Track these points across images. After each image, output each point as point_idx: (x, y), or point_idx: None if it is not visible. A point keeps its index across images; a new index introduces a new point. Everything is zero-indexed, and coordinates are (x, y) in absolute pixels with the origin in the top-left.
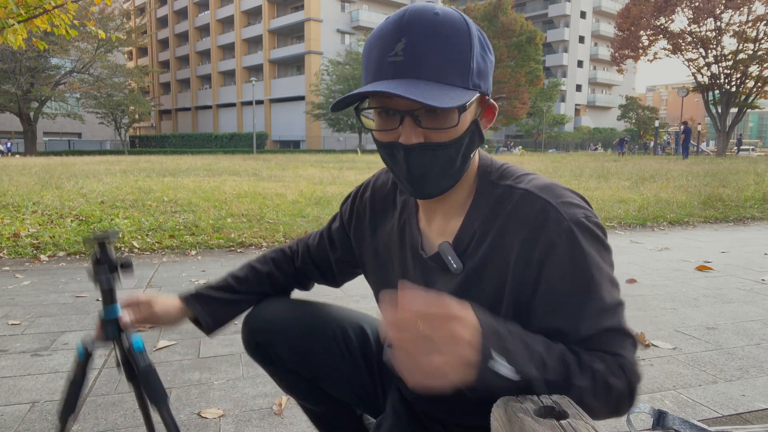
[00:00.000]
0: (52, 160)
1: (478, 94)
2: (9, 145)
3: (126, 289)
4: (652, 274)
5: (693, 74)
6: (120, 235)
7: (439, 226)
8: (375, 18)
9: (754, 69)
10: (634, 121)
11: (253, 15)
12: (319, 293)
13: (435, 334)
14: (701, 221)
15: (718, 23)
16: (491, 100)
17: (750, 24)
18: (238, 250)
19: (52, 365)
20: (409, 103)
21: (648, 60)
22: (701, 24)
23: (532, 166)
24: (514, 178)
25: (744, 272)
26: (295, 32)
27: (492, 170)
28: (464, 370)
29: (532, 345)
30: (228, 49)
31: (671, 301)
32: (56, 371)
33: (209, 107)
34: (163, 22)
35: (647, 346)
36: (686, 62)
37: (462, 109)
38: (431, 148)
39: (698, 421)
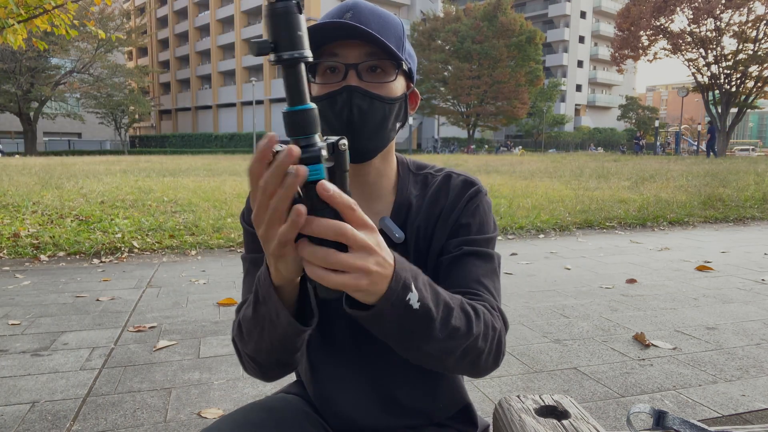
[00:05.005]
0: (52, 160)
1: (409, 68)
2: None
3: (126, 289)
4: (652, 274)
5: (693, 74)
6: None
7: (364, 209)
8: None
9: (754, 69)
10: (634, 121)
11: (253, 15)
12: None
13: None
14: (701, 221)
15: (718, 23)
16: (415, 89)
17: (750, 24)
18: (238, 250)
19: (52, 365)
20: (356, 54)
21: (648, 60)
22: (701, 24)
23: (532, 167)
24: (430, 168)
25: (744, 272)
26: None
27: (408, 162)
28: (374, 280)
29: (438, 289)
30: (228, 49)
31: (671, 301)
32: (56, 371)
33: (209, 107)
34: (163, 22)
35: (647, 346)
36: (686, 62)
37: (398, 65)
38: (370, 96)
39: (698, 421)
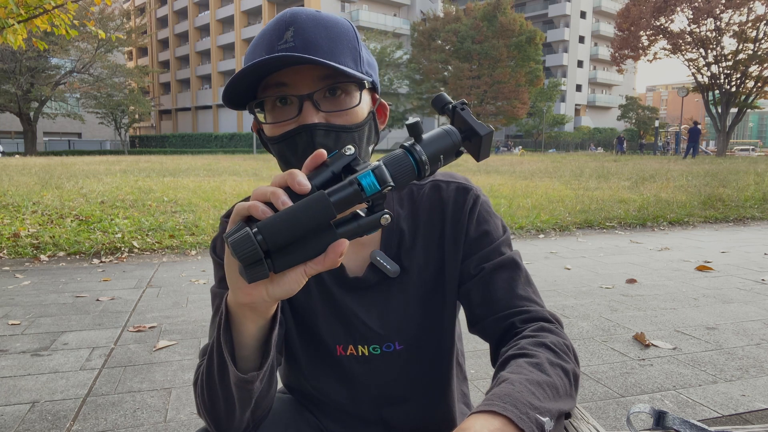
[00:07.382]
0: (52, 160)
1: (371, 80)
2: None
3: (126, 289)
4: (652, 274)
5: (693, 74)
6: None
7: (351, 246)
8: (375, 18)
9: (754, 69)
10: (634, 121)
11: (253, 15)
12: None
13: None
14: (701, 221)
15: (718, 23)
16: (382, 100)
17: (750, 24)
18: None
19: (52, 365)
20: (308, 81)
21: (648, 60)
22: (701, 24)
23: (532, 167)
24: None
25: (744, 272)
26: None
27: None
28: None
29: (543, 384)
30: (228, 49)
31: (671, 301)
32: (56, 371)
33: (209, 107)
34: (163, 22)
35: (647, 346)
36: (686, 62)
37: (361, 86)
38: (335, 130)
39: (698, 421)
